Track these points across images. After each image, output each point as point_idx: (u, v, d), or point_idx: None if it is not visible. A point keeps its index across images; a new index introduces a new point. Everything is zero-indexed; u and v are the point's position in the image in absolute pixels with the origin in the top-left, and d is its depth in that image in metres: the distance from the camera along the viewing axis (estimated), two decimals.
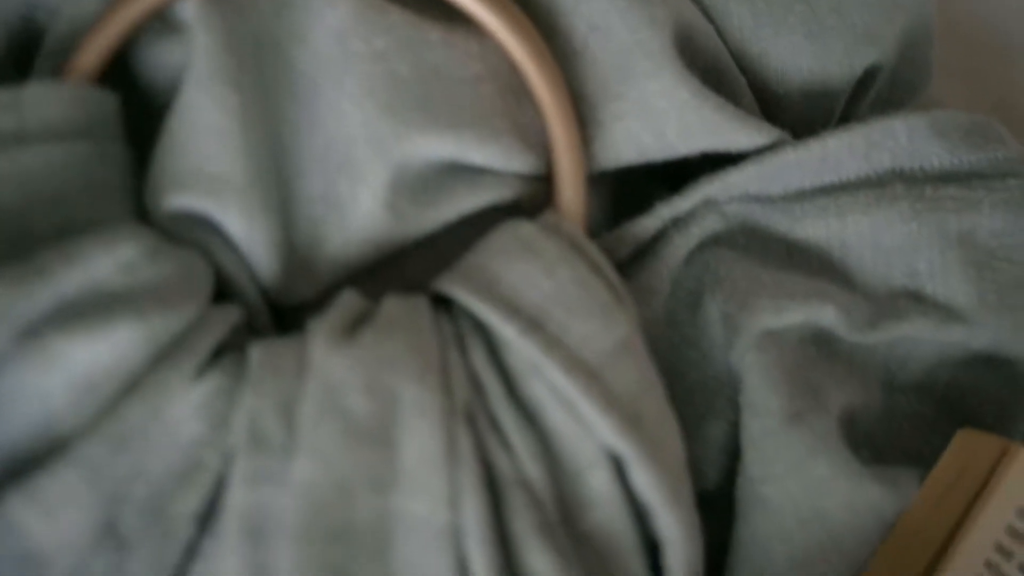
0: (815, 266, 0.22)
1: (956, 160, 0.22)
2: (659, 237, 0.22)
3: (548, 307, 0.18)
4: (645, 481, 0.18)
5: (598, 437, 0.18)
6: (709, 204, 0.22)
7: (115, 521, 0.16)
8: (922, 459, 0.22)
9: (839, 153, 0.22)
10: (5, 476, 0.16)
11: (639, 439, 0.18)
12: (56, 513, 0.16)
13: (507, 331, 0.18)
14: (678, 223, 0.22)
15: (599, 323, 0.18)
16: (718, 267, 0.22)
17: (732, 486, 0.22)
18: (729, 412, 0.22)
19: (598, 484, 0.18)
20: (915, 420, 0.23)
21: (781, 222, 0.22)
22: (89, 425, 0.16)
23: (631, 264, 0.22)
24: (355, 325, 0.18)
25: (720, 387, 0.22)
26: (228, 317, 0.18)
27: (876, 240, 0.22)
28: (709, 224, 0.22)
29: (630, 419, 0.18)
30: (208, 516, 0.17)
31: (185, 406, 0.17)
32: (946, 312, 0.22)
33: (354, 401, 0.17)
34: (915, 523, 0.21)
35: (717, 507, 0.22)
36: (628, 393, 0.18)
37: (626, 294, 0.20)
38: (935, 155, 0.22)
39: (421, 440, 0.17)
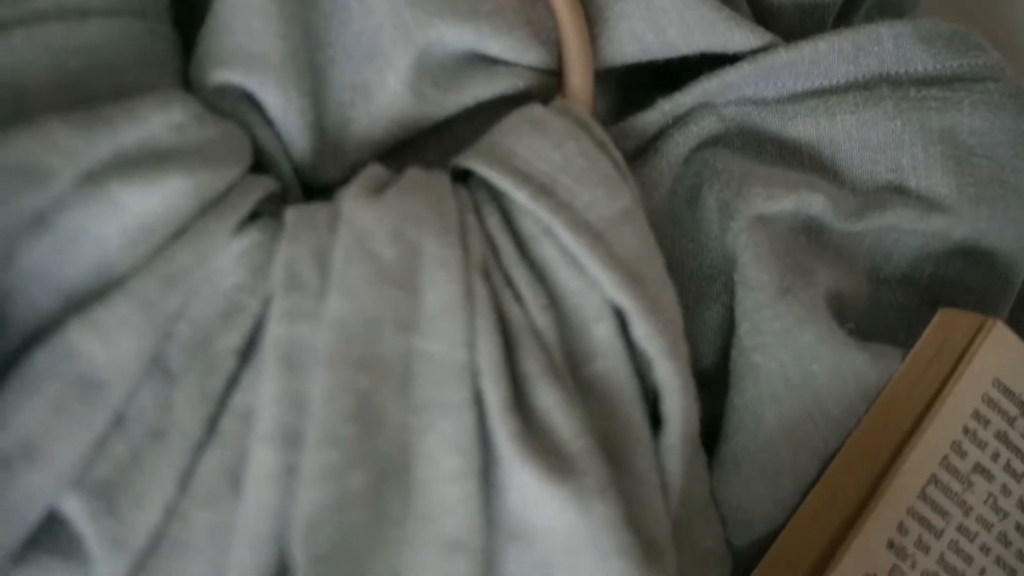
0: (806, 163, 0.24)
1: (939, 65, 0.24)
2: (660, 135, 0.24)
3: (557, 176, 0.20)
4: (645, 332, 0.19)
5: (602, 292, 0.19)
6: (707, 107, 0.24)
7: (163, 356, 0.18)
8: (907, 347, 0.24)
9: (829, 56, 0.23)
10: (65, 311, 0.18)
11: (640, 294, 0.19)
12: (111, 339, 0.18)
13: (519, 196, 0.20)
14: (678, 122, 0.24)
15: (604, 191, 0.20)
16: (715, 163, 0.24)
17: (727, 365, 0.23)
18: (724, 297, 0.23)
19: (602, 335, 0.19)
20: (900, 311, 0.24)
21: (774, 122, 0.24)
22: (142, 265, 0.18)
23: (634, 160, 0.24)
24: (381, 188, 0.20)
25: (716, 274, 0.24)
26: (266, 185, 0.20)
27: (863, 138, 0.24)
28: (707, 125, 0.24)
29: (632, 277, 0.20)
30: (248, 351, 0.18)
31: (227, 257, 0.19)
32: (928, 203, 0.23)
33: (381, 247, 0.18)
34: (897, 394, 0.22)
35: (713, 386, 0.23)
36: (629, 256, 0.20)
37: (629, 174, 0.21)
38: (919, 60, 0.24)
39: (441, 288, 0.19)
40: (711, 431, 0.23)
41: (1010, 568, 0.22)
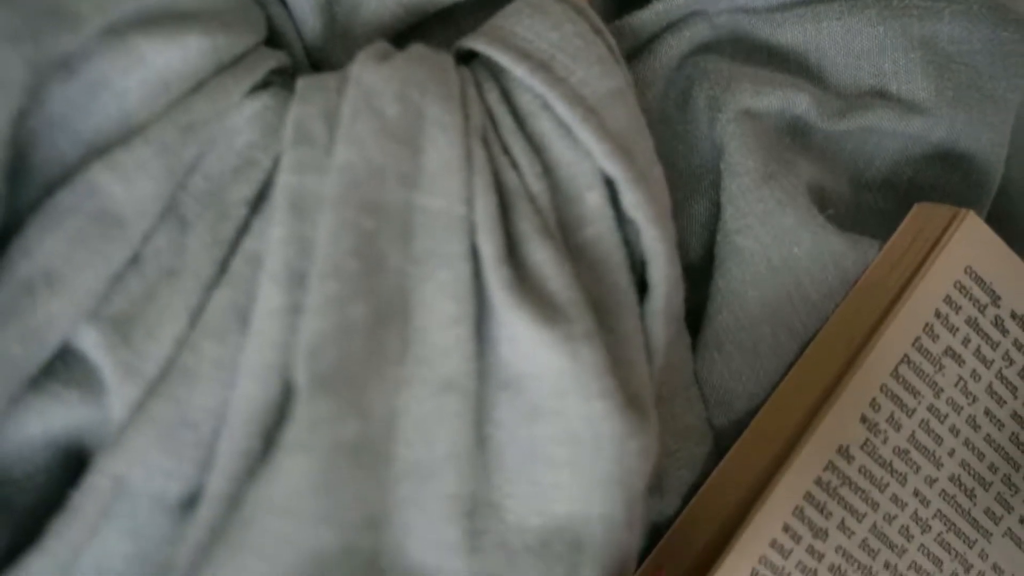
0: (793, 68, 0.25)
1: None
2: (654, 38, 0.25)
3: (555, 53, 0.21)
4: (633, 200, 0.20)
5: (594, 162, 0.21)
6: (700, 15, 0.25)
7: (178, 204, 0.19)
8: None
9: None
10: (86, 161, 0.19)
11: (629, 165, 0.20)
12: (131, 179, 0.19)
13: (518, 71, 0.21)
14: (671, 27, 0.25)
15: (598, 70, 0.21)
16: (706, 66, 0.25)
17: (712, 259, 0.24)
18: (712, 192, 0.25)
19: (593, 202, 0.21)
20: (880, 215, 0.26)
21: (763, 29, 0.25)
22: (161, 115, 0.19)
23: (628, 60, 0.25)
24: (387, 58, 0.21)
25: (704, 172, 0.25)
26: (279, 57, 0.21)
27: (847, 44, 0.25)
28: (699, 31, 0.25)
29: (622, 149, 0.21)
30: (258, 202, 0.20)
31: (240, 116, 0.20)
32: (908, 105, 0.24)
33: (386, 105, 0.19)
34: (873, 280, 0.23)
35: (699, 279, 0.24)
36: (621, 130, 0.21)
37: (622, 60, 0.22)
38: None
39: (441, 149, 0.20)
40: (696, 322, 0.24)
41: (979, 451, 0.23)
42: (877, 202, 0.26)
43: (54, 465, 0.19)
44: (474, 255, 0.20)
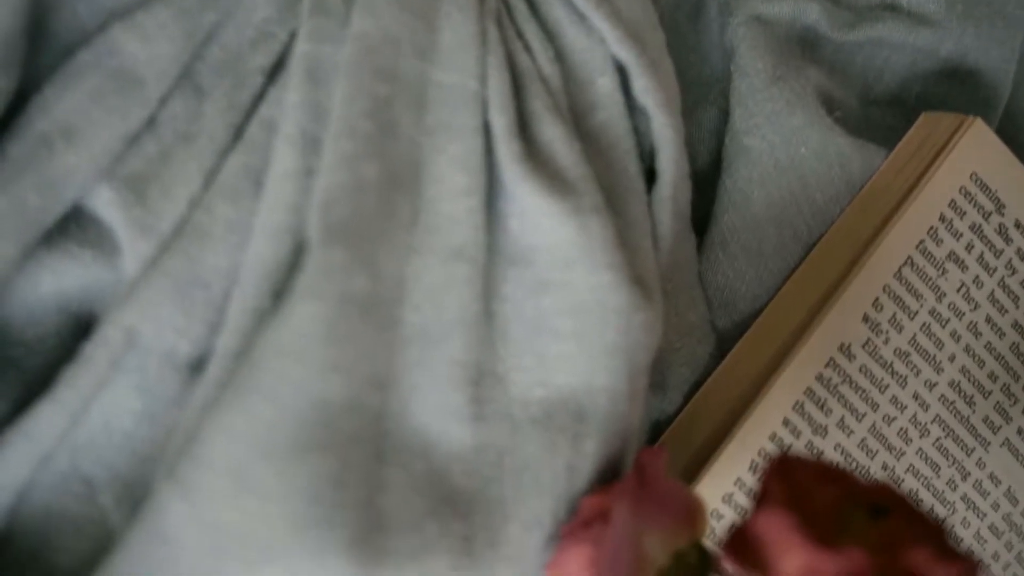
0: None
1: None
2: None
3: None
4: (644, 86, 0.21)
5: (607, 48, 0.21)
6: None
7: (194, 73, 0.20)
8: None
9: None
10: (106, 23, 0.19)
11: (641, 51, 0.21)
12: (151, 39, 0.19)
13: None
14: None
15: None
16: None
17: (719, 166, 0.25)
18: (721, 101, 0.25)
19: (605, 88, 0.21)
20: (887, 132, 0.26)
21: None
22: None
23: None
24: None
25: (714, 81, 0.25)
26: None
27: None
28: None
29: (634, 36, 0.21)
30: (275, 70, 0.20)
31: None
32: (918, 18, 0.25)
33: None
34: (878, 187, 0.23)
35: (705, 187, 0.25)
36: (634, 19, 0.21)
37: None
38: None
39: (456, 26, 0.20)
40: (702, 229, 0.24)
41: (979, 359, 0.24)
42: (885, 118, 0.26)
43: (64, 331, 0.20)
44: (486, 131, 0.20)
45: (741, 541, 0.16)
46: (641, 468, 0.19)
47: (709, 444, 0.22)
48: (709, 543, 0.20)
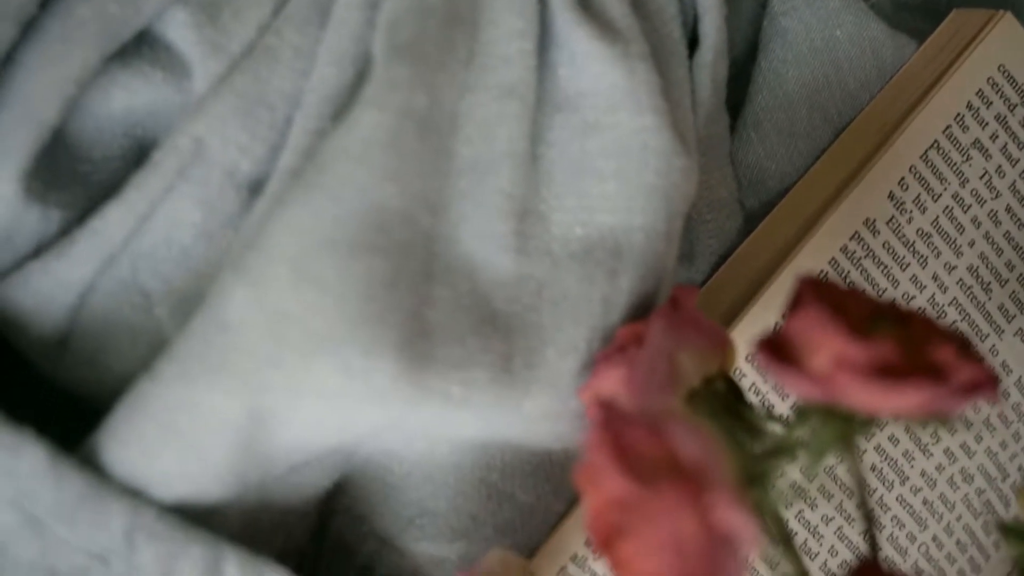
0: None
1: None
2: None
3: None
4: None
5: None
6: None
7: None
8: None
9: None
10: None
11: None
12: None
13: None
14: None
15: None
16: None
17: (754, 60, 0.25)
18: None
19: None
20: (917, 37, 0.27)
21: None
22: None
23: None
24: None
25: None
26: None
27: None
28: None
29: None
30: None
31: None
32: None
33: None
34: (908, 75, 0.24)
35: (740, 76, 0.26)
36: None
37: None
38: None
39: None
40: (734, 116, 0.25)
41: (998, 247, 0.25)
42: (915, 21, 0.27)
43: (129, 156, 0.20)
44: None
45: (774, 343, 0.17)
46: (675, 299, 0.20)
47: (734, 311, 0.23)
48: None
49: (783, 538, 0.17)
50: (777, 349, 0.17)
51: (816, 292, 0.17)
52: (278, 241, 0.18)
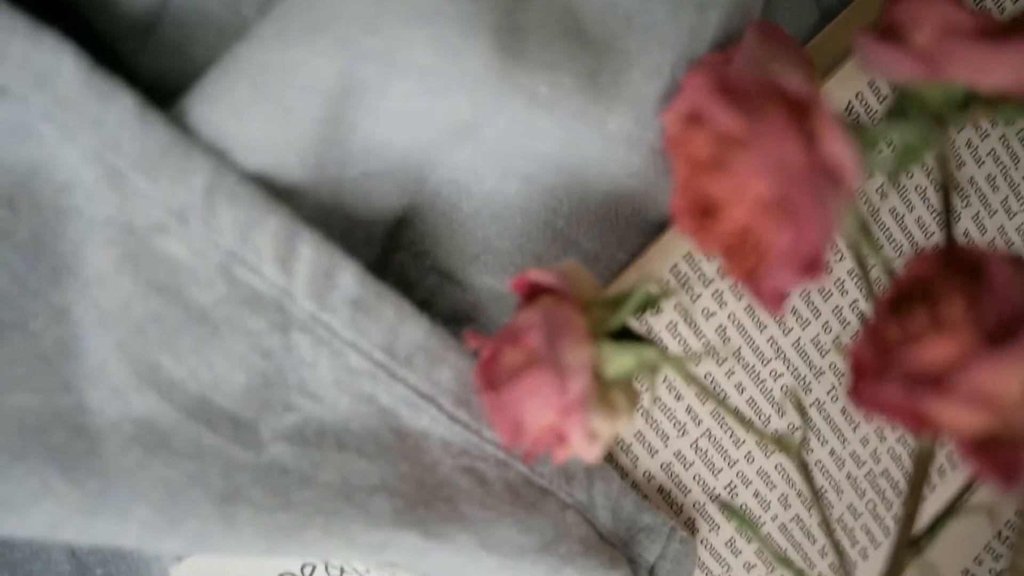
0: None
1: None
2: None
3: None
4: None
5: None
6: None
7: None
8: None
9: None
10: None
11: None
12: None
13: None
14: None
15: None
16: None
17: None
18: None
19: None
20: None
21: None
22: None
23: None
24: None
25: None
26: None
27: None
28: None
29: None
30: None
31: None
32: None
33: None
34: None
35: None
36: None
37: None
38: None
39: None
40: None
41: None
42: None
43: None
44: None
45: (878, 29, 0.17)
46: (766, 22, 0.20)
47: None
48: None
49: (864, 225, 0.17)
50: (881, 33, 0.17)
51: None
52: None
